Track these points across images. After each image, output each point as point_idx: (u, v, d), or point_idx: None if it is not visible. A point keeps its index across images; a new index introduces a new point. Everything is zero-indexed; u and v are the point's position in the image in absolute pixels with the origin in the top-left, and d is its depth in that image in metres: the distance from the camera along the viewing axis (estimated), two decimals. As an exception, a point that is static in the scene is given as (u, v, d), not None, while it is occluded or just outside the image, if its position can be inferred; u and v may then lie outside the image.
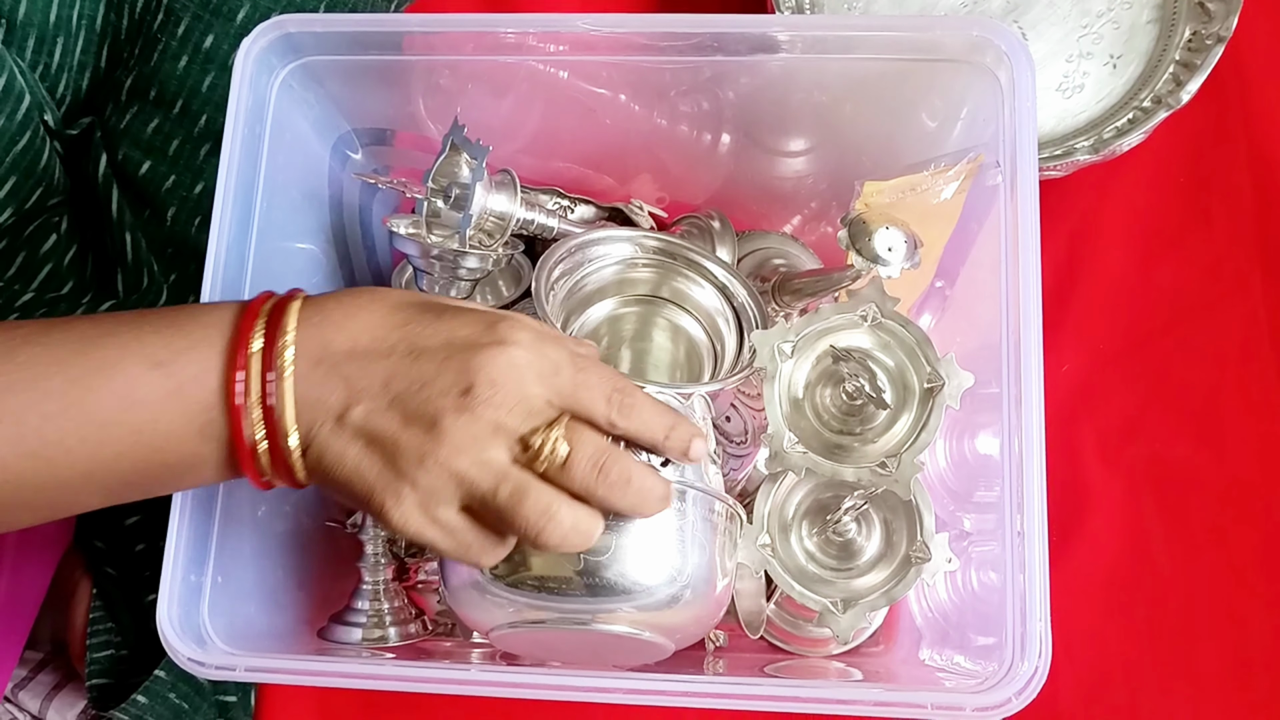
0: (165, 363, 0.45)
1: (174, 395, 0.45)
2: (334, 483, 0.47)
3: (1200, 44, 0.76)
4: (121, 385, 0.45)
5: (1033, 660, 0.52)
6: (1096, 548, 0.76)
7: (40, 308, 0.70)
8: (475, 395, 0.45)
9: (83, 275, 0.75)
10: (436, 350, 0.46)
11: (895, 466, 0.56)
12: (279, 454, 0.46)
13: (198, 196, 0.74)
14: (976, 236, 0.64)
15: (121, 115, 0.74)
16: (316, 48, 0.62)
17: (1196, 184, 0.82)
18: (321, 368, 0.46)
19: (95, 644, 0.71)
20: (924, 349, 0.58)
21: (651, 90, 0.67)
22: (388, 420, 0.45)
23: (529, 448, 0.45)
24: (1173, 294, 0.80)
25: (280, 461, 0.47)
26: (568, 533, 0.46)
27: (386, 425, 0.45)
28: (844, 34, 0.60)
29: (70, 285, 0.74)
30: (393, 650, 0.63)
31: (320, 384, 0.46)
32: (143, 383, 0.45)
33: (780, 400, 0.58)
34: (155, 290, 0.73)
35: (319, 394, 0.46)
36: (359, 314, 0.47)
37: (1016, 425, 0.55)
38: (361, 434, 0.46)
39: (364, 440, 0.46)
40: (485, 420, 0.45)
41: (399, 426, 0.45)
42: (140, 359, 0.45)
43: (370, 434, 0.45)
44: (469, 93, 0.67)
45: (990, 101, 0.59)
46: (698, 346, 0.70)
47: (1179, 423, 0.78)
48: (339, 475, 0.46)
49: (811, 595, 0.58)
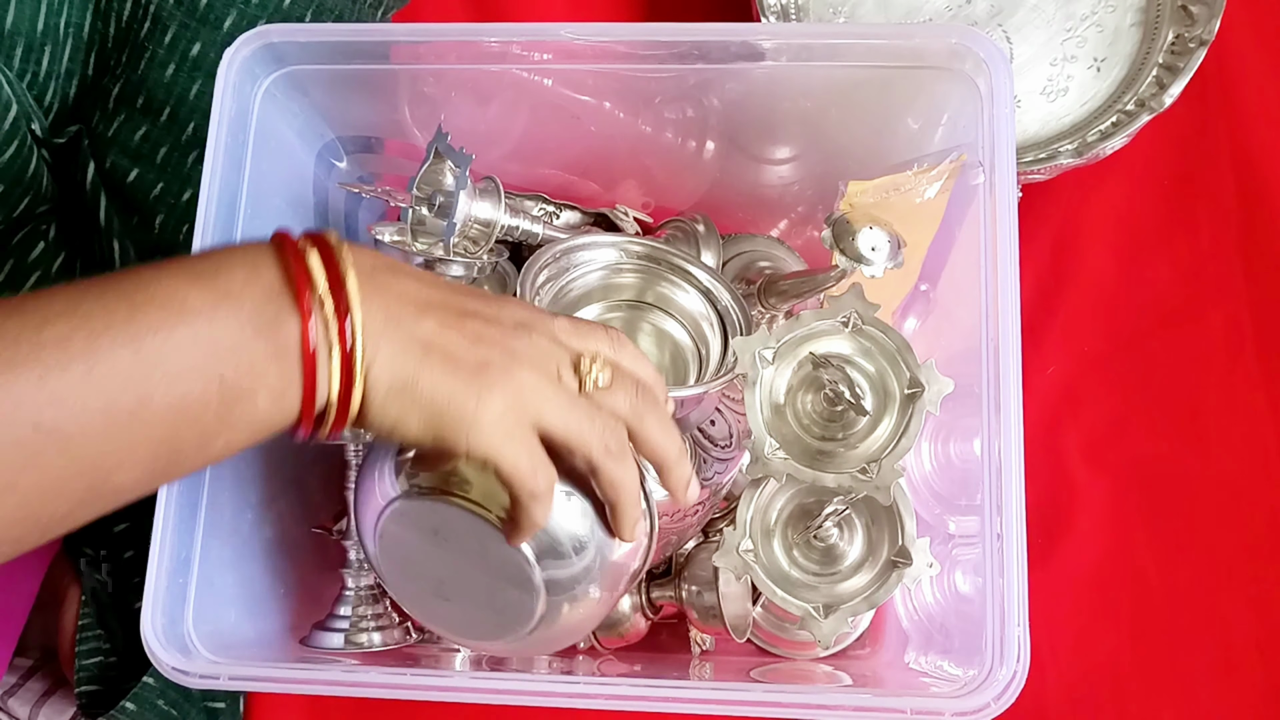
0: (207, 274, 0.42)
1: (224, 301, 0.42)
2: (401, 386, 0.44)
3: (1183, 47, 0.76)
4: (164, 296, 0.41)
5: (1011, 665, 0.52)
6: (1081, 550, 0.76)
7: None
8: (527, 326, 0.47)
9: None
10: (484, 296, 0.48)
11: (876, 472, 0.56)
12: (348, 368, 0.43)
13: (185, 204, 0.74)
14: (957, 239, 0.65)
15: (109, 123, 0.74)
16: (300, 57, 0.63)
17: (1180, 187, 0.82)
18: (379, 278, 0.45)
19: (84, 651, 0.71)
20: (904, 355, 0.58)
21: (636, 98, 0.67)
22: (457, 336, 0.45)
23: (579, 368, 0.47)
24: (1156, 296, 0.80)
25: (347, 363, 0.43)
26: (633, 471, 0.48)
27: (457, 340, 0.45)
28: (826, 42, 0.60)
29: (58, 293, 0.74)
30: (377, 656, 0.63)
31: (384, 289, 0.44)
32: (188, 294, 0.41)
33: (762, 406, 0.58)
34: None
35: (385, 297, 0.44)
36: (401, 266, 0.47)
37: (996, 429, 0.55)
38: (435, 343, 0.45)
39: (439, 350, 0.44)
40: (542, 344, 0.47)
41: (469, 343, 0.45)
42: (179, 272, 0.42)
43: (445, 345, 0.45)
44: (454, 101, 0.67)
45: (970, 108, 0.60)
46: (683, 351, 0.70)
47: (1163, 424, 0.78)
48: (407, 375, 0.44)
49: (794, 600, 0.58)
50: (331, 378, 0.43)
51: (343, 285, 0.43)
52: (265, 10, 0.71)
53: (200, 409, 0.42)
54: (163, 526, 0.56)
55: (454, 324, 0.45)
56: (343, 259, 0.44)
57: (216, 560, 0.60)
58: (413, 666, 0.62)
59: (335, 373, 0.43)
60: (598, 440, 0.47)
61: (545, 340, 0.47)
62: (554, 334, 0.48)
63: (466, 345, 0.45)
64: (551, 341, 0.47)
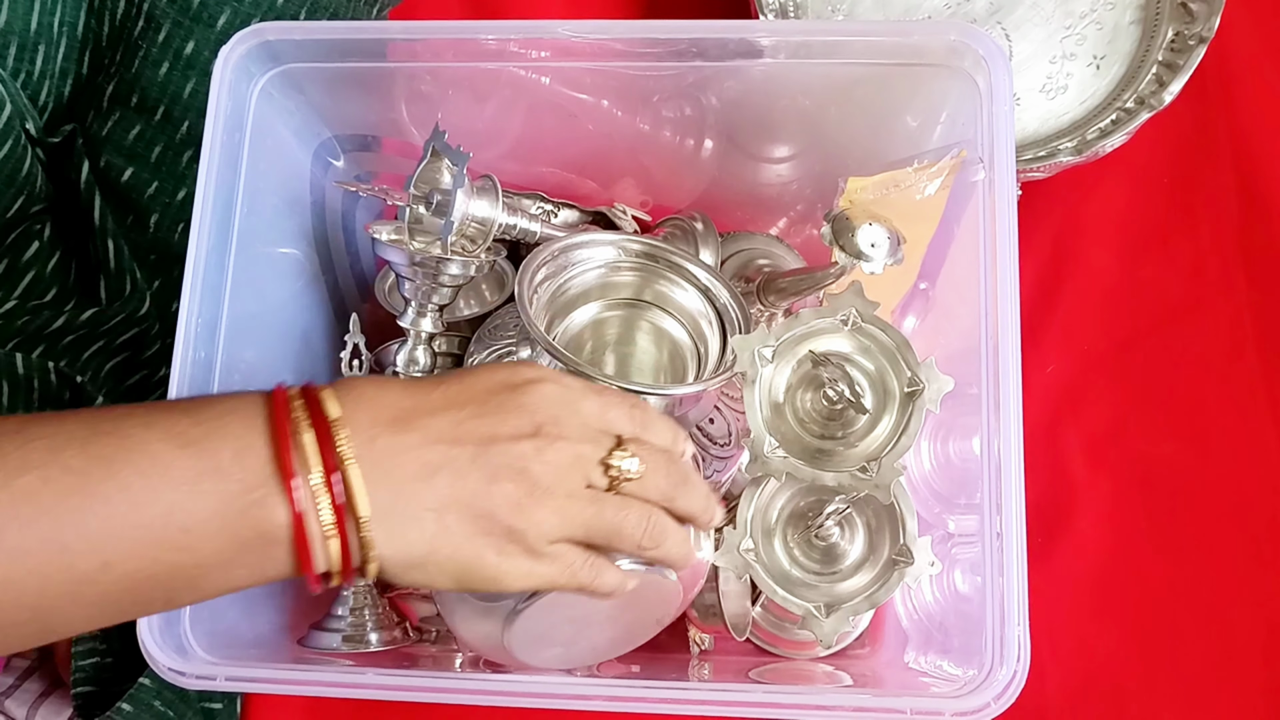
0: (196, 441, 0.41)
1: (209, 475, 0.40)
2: (417, 562, 0.43)
3: (1183, 44, 0.76)
4: (146, 463, 0.40)
5: (1011, 665, 0.52)
6: (1082, 549, 0.76)
7: (23, 315, 0.70)
8: (545, 433, 0.45)
9: (65, 282, 0.75)
10: (483, 398, 0.45)
11: (876, 470, 0.56)
12: (347, 541, 0.42)
13: (180, 203, 0.74)
14: (956, 237, 0.65)
15: (103, 122, 0.74)
16: (296, 55, 0.62)
17: (1180, 184, 0.82)
18: (379, 444, 0.43)
19: (80, 651, 0.70)
20: (904, 353, 0.58)
21: (634, 96, 0.67)
22: (472, 484, 0.44)
23: (610, 468, 0.46)
24: (1157, 295, 0.80)
25: (347, 550, 0.42)
26: (675, 536, 0.49)
27: (473, 489, 0.44)
28: (824, 39, 0.60)
29: (53, 292, 0.74)
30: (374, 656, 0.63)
31: (387, 459, 0.43)
32: (171, 462, 0.40)
33: (761, 405, 0.58)
34: (138, 297, 0.72)
35: (388, 467, 0.43)
36: (387, 386, 0.45)
37: (995, 427, 0.55)
38: (448, 504, 0.43)
39: (454, 510, 0.44)
40: (566, 454, 0.45)
41: (485, 485, 0.44)
42: (167, 435, 0.41)
43: (458, 502, 0.44)
44: (451, 99, 0.67)
45: (969, 105, 0.59)
46: (681, 349, 0.70)
47: (1164, 423, 0.78)
48: (422, 552, 0.43)
49: (795, 599, 0.58)
50: (330, 559, 0.42)
51: (340, 466, 0.42)
52: (260, 8, 0.71)
53: (168, 577, 0.41)
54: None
55: (468, 470, 0.44)
56: (339, 436, 0.42)
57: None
58: (411, 667, 0.62)
59: (335, 557, 0.42)
60: (633, 536, 0.47)
61: (568, 448, 0.45)
62: (578, 431, 0.46)
63: (484, 492, 0.44)
64: (575, 446, 0.46)
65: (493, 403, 0.45)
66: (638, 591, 0.54)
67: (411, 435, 0.44)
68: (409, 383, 0.46)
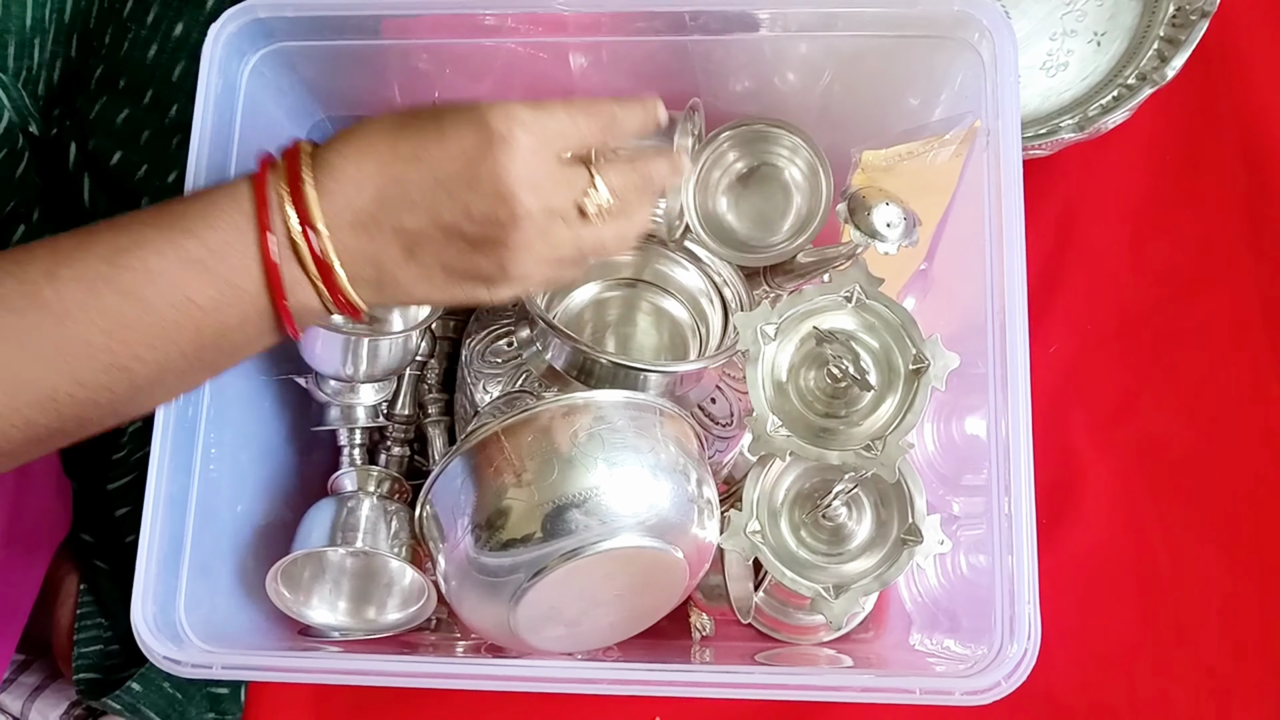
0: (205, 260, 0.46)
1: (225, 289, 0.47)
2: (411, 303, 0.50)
3: (1184, 19, 0.75)
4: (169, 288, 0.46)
5: (1022, 643, 0.51)
6: (1088, 529, 0.75)
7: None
8: (520, 200, 0.47)
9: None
10: (459, 171, 0.47)
11: (881, 449, 0.55)
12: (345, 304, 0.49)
13: (171, 186, 0.73)
14: (954, 214, 0.64)
15: (91, 105, 0.73)
16: (289, 33, 0.61)
17: (1184, 161, 0.81)
18: (361, 228, 0.47)
19: (83, 639, 0.70)
20: (909, 330, 0.57)
21: (633, 71, 0.66)
22: (456, 251, 0.48)
23: (584, 212, 0.50)
24: (1162, 273, 0.79)
25: (345, 306, 0.49)
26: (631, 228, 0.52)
27: (457, 255, 0.48)
28: (826, 10, 0.59)
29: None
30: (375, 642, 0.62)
31: (370, 243, 0.47)
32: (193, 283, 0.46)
33: (764, 383, 0.57)
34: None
35: (372, 250, 0.48)
36: (366, 161, 0.48)
37: (1003, 407, 0.54)
38: (435, 267, 0.48)
39: (441, 270, 0.48)
40: (540, 214, 0.48)
41: (469, 251, 0.48)
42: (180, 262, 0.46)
43: (445, 265, 0.48)
44: (447, 76, 0.66)
45: (974, 77, 0.59)
46: (681, 329, 0.69)
47: (1169, 403, 0.77)
48: (418, 298, 0.50)
49: (803, 581, 0.57)
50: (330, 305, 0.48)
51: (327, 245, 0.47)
52: (250, -12, 0.70)
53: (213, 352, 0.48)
54: (153, 513, 0.55)
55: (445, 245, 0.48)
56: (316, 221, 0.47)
57: (209, 548, 0.59)
58: (411, 653, 0.61)
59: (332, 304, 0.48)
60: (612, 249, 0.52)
61: (540, 211, 0.48)
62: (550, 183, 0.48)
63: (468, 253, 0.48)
64: (546, 209, 0.48)
65: (467, 171, 0.47)
66: (645, 572, 0.53)
67: (391, 216, 0.48)
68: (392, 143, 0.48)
